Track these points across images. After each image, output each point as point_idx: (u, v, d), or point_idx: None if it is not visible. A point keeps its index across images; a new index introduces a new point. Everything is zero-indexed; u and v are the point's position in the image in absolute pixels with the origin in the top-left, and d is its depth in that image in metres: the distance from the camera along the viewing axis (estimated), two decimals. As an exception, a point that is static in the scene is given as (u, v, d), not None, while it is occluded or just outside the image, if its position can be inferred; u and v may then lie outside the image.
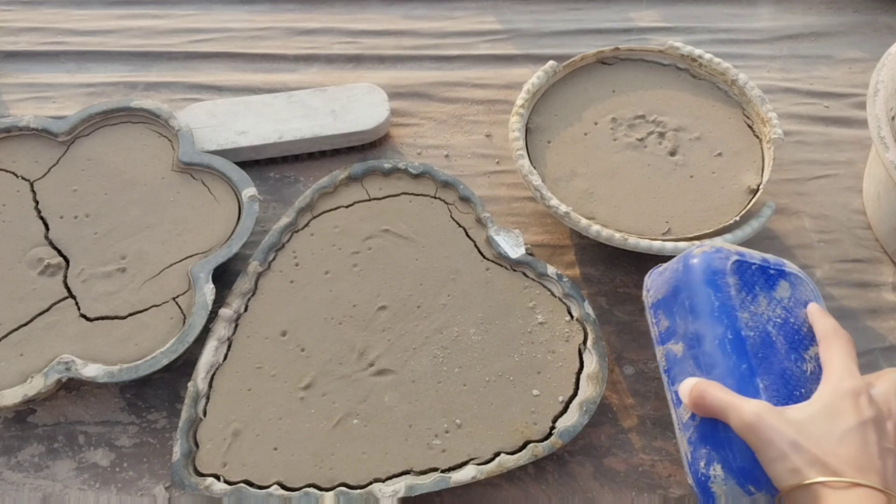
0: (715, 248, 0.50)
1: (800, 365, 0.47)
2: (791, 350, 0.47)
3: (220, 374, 0.54)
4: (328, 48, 0.81)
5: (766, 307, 0.48)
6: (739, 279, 0.48)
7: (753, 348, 0.46)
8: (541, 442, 0.51)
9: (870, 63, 0.79)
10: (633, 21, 0.84)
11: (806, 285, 0.51)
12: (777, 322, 0.48)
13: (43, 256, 0.58)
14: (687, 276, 0.49)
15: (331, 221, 0.62)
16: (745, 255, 0.50)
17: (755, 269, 0.49)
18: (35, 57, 0.79)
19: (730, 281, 0.47)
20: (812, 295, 0.50)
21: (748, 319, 0.47)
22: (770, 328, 0.47)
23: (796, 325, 0.49)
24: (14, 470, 0.53)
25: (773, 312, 0.48)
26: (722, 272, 0.48)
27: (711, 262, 0.48)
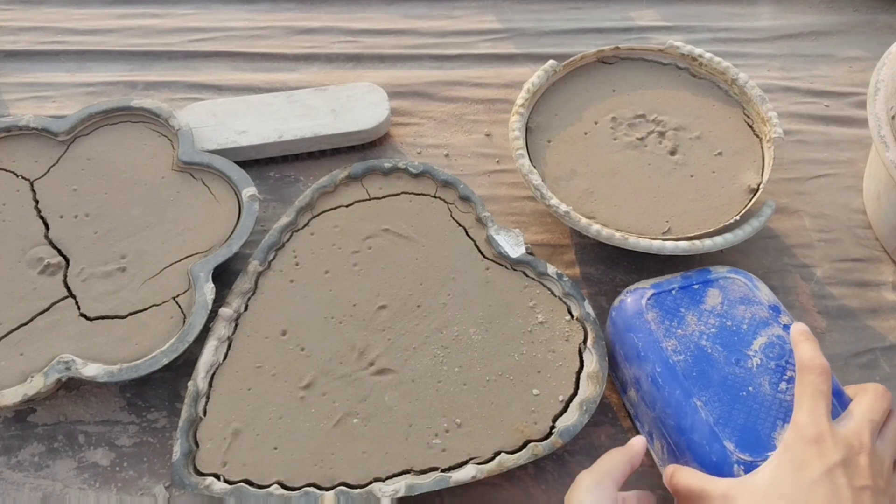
0: (629, 291, 0.53)
1: (743, 364, 0.49)
2: (731, 353, 0.49)
3: (220, 374, 0.54)
4: (328, 47, 0.81)
5: (695, 324, 0.50)
6: (659, 311, 0.51)
7: (685, 370, 0.48)
8: (541, 441, 0.51)
9: (870, 62, 0.79)
10: (634, 20, 0.84)
11: (736, 282, 0.53)
12: (710, 333, 0.50)
13: (43, 256, 0.58)
14: (614, 328, 0.53)
15: (331, 221, 0.62)
16: (662, 283, 0.52)
17: (675, 293, 0.52)
18: (35, 56, 0.79)
19: (648, 318, 0.51)
20: (746, 287, 0.52)
21: (676, 345, 0.49)
22: (704, 342, 0.50)
23: (734, 325, 0.50)
24: (14, 469, 0.53)
25: (704, 326, 0.50)
26: (639, 312, 0.51)
27: (628, 307, 0.52)
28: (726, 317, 0.51)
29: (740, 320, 0.51)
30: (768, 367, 0.48)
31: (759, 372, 0.48)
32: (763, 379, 0.48)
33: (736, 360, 0.49)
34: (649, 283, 0.53)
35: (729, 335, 0.50)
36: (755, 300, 0.52)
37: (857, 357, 0.59)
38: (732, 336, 0.50)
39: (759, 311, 0.51)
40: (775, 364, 0.49)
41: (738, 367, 0.48)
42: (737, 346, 0.49)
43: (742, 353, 0.49)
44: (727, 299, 0.52)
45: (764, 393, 0.47)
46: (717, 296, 0.52)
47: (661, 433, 0.50)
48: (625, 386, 0.53)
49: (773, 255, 0.64)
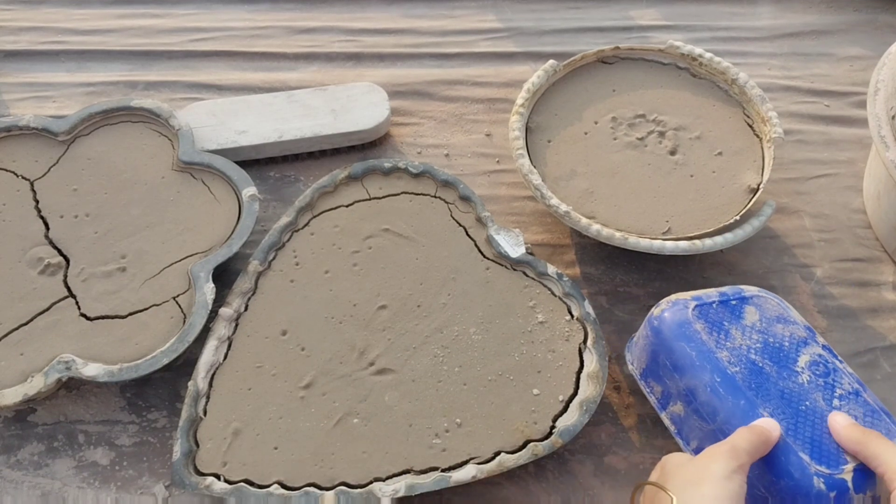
0: (671, 302, 0.51)
1: (794, 379, 0.47)
2: (782, 368, 0.48)
3: (220, 374, 0.54)
4: (328, 46, 0.81)
5: (741, 338, 0.49)
6: (706, 322, 0.49)
7: (745, 382, 0.46)
8: (541, 441, 0.51)
9: (870, 61, 0.79)
10: (634, 19, 0.84)
11: (769, 301, 0.52)
12: (757, 348, 0.48)
13: (43, 256, 0.58)
14: (658, 338, 0.50)
15: (331, 221, 0.62)
16: (702, 297, 0.51)
17: (717, 307, 0.51)
18: (35, 56, 0.79)
19: (697, 328, 0.49)
20: (780, 307, 0.52)
21: (729, 357, 0.47)
22: (753, 356, 0.48)
23: (776, 342, 0.49)
24: (14, 468, 0.53)
25: (750, 340, 0.49)
26: (687, 322, 0.49)
27: (673, 317, 0.50)
28: (767, 333, 0.49)
29: (781, 338, 0.50)
30: (818, 384, 0.47)
31: (810, 388, 0.47)
32: (816, 395, 0.46)
33: (788, 374, 0.47)
34: (689, 296, 0.51)
35: (774, 351, 0.49)
36: (790, 320, 0.51)
37: (858, 357, 0.59)
38: (778, 352, 0.49)
39: (796, 331, 0.50)
40: (824, 381, 0.47)
41: (791, 381, 0.47)
42: (784, 362, 0.48)
43: (791, 370, 0.48)
44: (764, 317, 0.51)
45: (821, 408, 0.46)
46: (754, 313, 0.51)
47: None
48: (667, 399, 0.51)
49: (773, 255, 0.64)
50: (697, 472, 0.40)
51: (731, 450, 0.41)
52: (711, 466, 0.40)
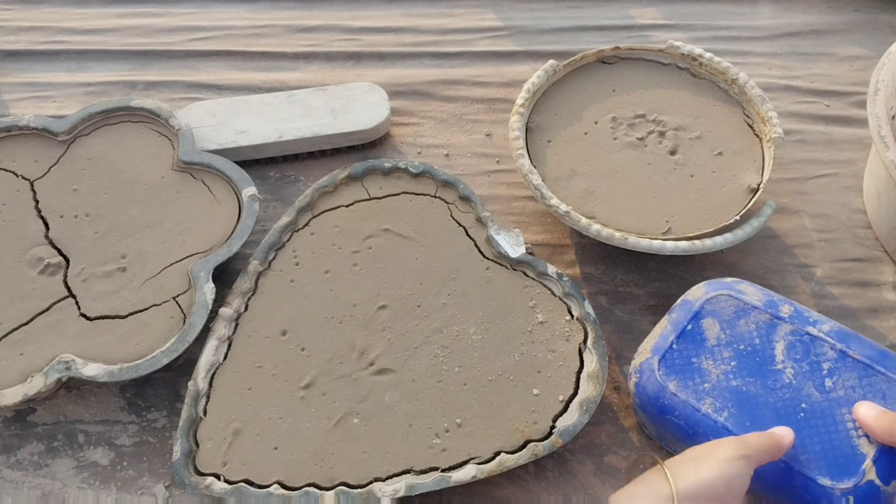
0: (637, 369, 0.50)
1: (780, 381, 0.46)
2: (763, 378, 0.47)
3: (220, 374, 0.54)
4: (328, 45, 0.81)
5: (714, 367, 0.48)
6: (676, 374, 0.48)
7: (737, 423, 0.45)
8: (541, 441, 0.51)
9: (870, 61, 0.79)
10: (634, 18, 0.84)
11: (720, 299, 0.50)
12: (733, 368, 0.47)
13: (43, 256, 0.58)
14: (647, 413, 0.50)
15: (331, 221, 0.62)
16: (659, 343, 0.50)
17: (677, 346, 0.49)
18: (35, 56, 0.79)
19: (672, 389, 0.48)
20: (731, 299, 0.49)
21: (713, 403, 0.46)
22: (734, 382, 0.47)
23: (747, 347, 0.48)
24: (13, 468, 0.53)
25: (723, 364, 0.48)
26: (661, 390, 0.48)
27: (647, 390, 0.49)
28: (735, 342, 0.48)
29: (749, 337, 0.48)
30: (804, 372, 0.46)
31: (799, 382, 0.46)
32: (807, 387, 0.45)
33: (772, 382, 0.46)
34: (649, 349, 0.50)
35: (749, 360, 0.47)
36: (749, 307, 0.49)
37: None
38: (753, 358, 0.47)
39: (759, 317, 0.49)
40: (808, 365, 0.46)
41: (778, 389, 0.46)
42: (762, 366, 0.47)
43: (772, 372, 0.46)
44: (723, 323, 0.49)
45: (818, 402, 0.45)
46: (713, 325, 0.49)
47: None
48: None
49: (773, 255, 0.64)
50: (702, 452, 0.42)
51: (742, 440, 0.42)
52: (717, 450, 0.42)
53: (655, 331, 0.51)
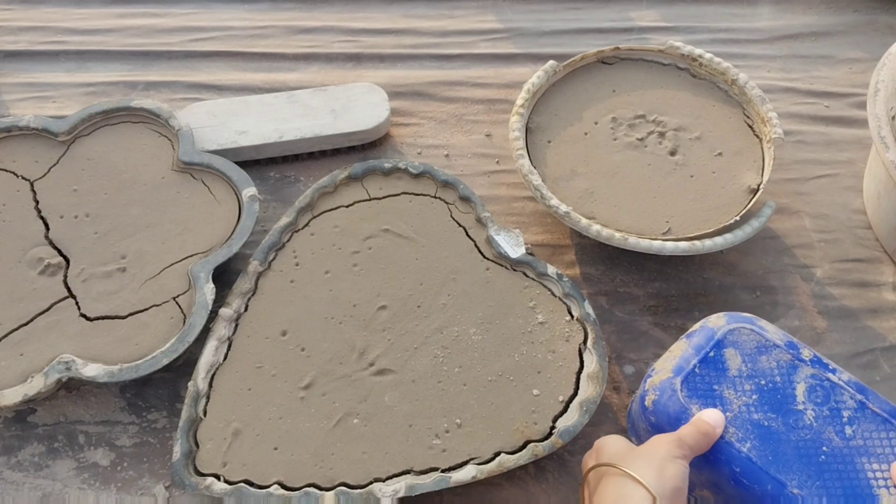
0: (657, 387, 0.48)
1: (801, 422, 0.46)
2: (784, 415, 0.46)
3: (220, 374, 0.54)
4: (328, 47, 0.81)
5: (736, 398, 0.47)
6: (698, 399, 0.46)
7: (761, 457, 0.44)
8: (541, 441, 0.51)
9: (870, 63, 0.79)
10: (634, 20, 0.84)
11: (742, 332, 0.49)
12: (754, 402, 0.46)
13: (43, 256, 0.58)
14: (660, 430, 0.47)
15: (331, 221, 0.62)
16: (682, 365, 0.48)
17: (700, 370, 0.48)
18: (35, 56, 0.79)
19: (694, 410, 0.46)
20: (753, 333, 0.49)
21: (736, 432, 0.45)
22: (755, 415, 0.46)
23: (768, 383, 0.47)
24: (14, 469, 0.53)
25: (745, 396, 0.47)
26: (683, 410, 0.46)
27: (667, 408, 0.47)
28: (756, 376, 0.47)
29: (770, 374, 0.47)
30: (824, 416, 0.45)
31: (820, 426, 0.45)
32: (828, 431, 0.45)
33: (794, 421, 0.45)
34: (671, 369, 0.48)
35: (770, 396, 0.46)
36: (770, 344, 0.48)
37: (857, 357, 0.59)
38: (774, 395, 0.46)
39: (780, 356, 0.48)
40: (828, 410, 0.46)
41: (799, 429, 0.45)
42: (783, 404, 0.46)
43: (793, 411, 0.46)
44: (745, 356, 0.48)
45: (839, 447, 0.44)
46: (735, 356, 0.48)
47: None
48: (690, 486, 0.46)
49: (773, 256, 0.64)
50: (645, 454, 0.42)
51: (678, 440, 0.43)
52: (659, 449, 0.42)
53: (673, 352, 0.50)
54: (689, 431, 0.44)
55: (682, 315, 0.61)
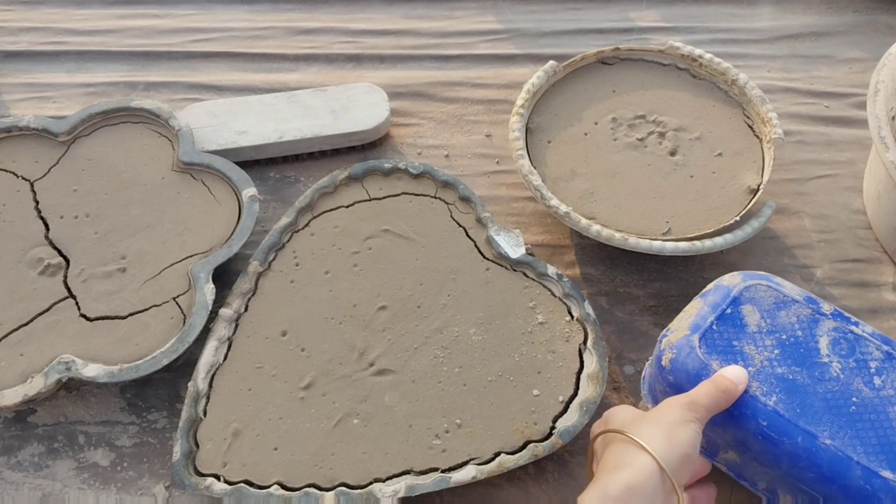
0: (674, 345, 0.46)
1: (827, 375, 0.44)
2: (811, 369, 0.44)
3: (220, 374, 0.54)
4: (328, 48, 0.81)
5: (757, 353, 0.45)
6: (717, 355, 0.45)
7: (789, 410, 0.42)
8: (541, 442, 0.51)
9: (870, 63, 0.79)
10: (634, 21, 0.84)
11: (759, 288, 0.47)
12: (777, 356, 0.45)
13: (43, 256, 0.58)
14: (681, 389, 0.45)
15: (331, 221, 0.62)
16: (699, 323, 0.46)
17: (717, 326, 0.46)
18: (35, 57, 0.79)
19: (715, 368, 0.44)
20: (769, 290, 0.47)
21: (760, 387, 0.43)
22: (779, 369, 0.44)
23: (790, 338, 0.46)
24: (14, 469, 0.53)
25: (766, 351, 0.45)
26: (703, 367, 0.44)
27: (686, 365, 0.45)
28: (777, 331, 0.45)
29: (791, 329, 0.46)
30: (851, 368, 0.44)
31: (847, 377, 0.44)
32: (856, 382, 0.43)
33: (819, 373, 0.44)
34: (687, 326, 0.46)
35: (793, 350, 0.45)
36: (788, 299, 0.47)
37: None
38: (797, 349, 0.45)
39: (800, 311, 0.46)
40: (854, 361, 0.44)
41: (826, 381, 0.43)
42: (807, 358, 0.44)
43: (818, 364, 0.44)
44: (764, 311, 0.46)
45: (869, 398, 0.43)
46: (753, 313, 0.46)
47: (795, 487, 0.44)
48: (714, 448, 0.47)
49: (773, 256, 0.64)
50: (654, 419, 0.40)
51: (690, 403, 0.41)
52: (668, 414, 0.40)
53: (689, 311, 0.48)
54: (706, 390, 0.42)
55: (682, 315, 0.61)
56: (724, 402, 0.42)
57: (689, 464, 0.39)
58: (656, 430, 0.39)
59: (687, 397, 0.42)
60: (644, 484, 0.37)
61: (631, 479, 0.37)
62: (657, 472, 0.38)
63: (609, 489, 0.37)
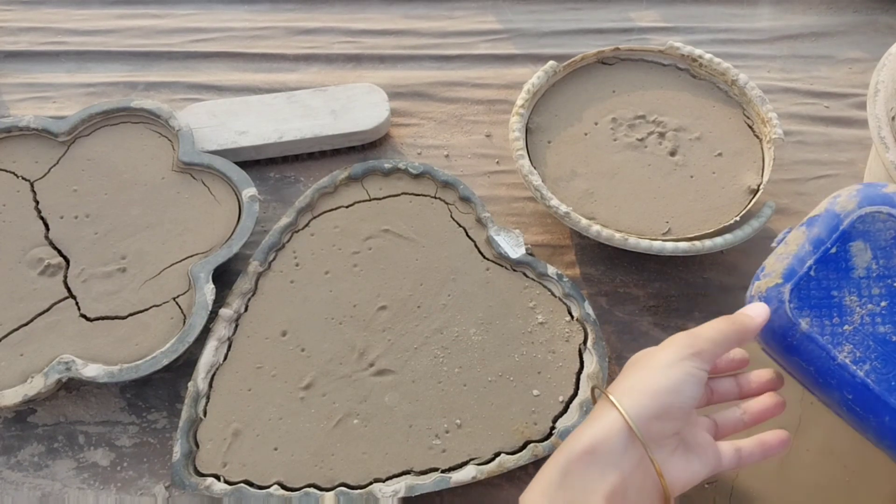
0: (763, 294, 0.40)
1: None
2: None
3: (220, 374, 0.54)
4: (328, 48, 0.81)
5: (859, 306, 0.39)
6: (811, 310, 0.39)
7: (882, 382, 0.37)
8: (541, 442, 0.51)
9: (870, 63, 0.79)
10: (634, 21, 0.84)
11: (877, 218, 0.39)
12: (882, 311, 0.38)
13: (43, 256, 0.58)
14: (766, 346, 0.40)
15: (331, 221, 0.62)
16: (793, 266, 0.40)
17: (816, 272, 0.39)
18: (35, 57, 0.79)
19: (804, 327, 0.39)
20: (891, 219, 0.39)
21: (853, 350, 0.38)
22: (881, 328, 0.38)
23: None
24: (14, 469, 0.53)
25: (870, 303, 0.39)
26: (790, 327, 0.39)
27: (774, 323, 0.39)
28: (891, 275, 0.37)
29: None
30: None
31: None
32: None
33: None
34: (779, 271, 0.39)
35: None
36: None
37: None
38: None
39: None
40: None
41: None
42: None
43: None
44: (877, 249, 0.38)
45: None
46: (864, 250, 0.38)
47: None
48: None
49: (773, 256, 0.64)
50: (645, 363, 0.38)
51: (690, 336, 0.38)
52: (659, 355, 0.38)
53: (789, 245, 0.40)
54: (716, 324, 0.38)
55: (682, 315, 0.61)
56: (736, 338, 0.38)
57: (676, 412, 0.36)
58: (637, 381, 0.37)
59: (691, 332, 0.38)
60: (607, 443, 0.36)
61: (595, 437, 0.36)
62: (624, 430, 0.36)
63: (574, 448, 0.36)
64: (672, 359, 0.37)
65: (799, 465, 0.47)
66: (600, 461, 0.35)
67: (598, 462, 0.35)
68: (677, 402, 0.37)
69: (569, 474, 0.35)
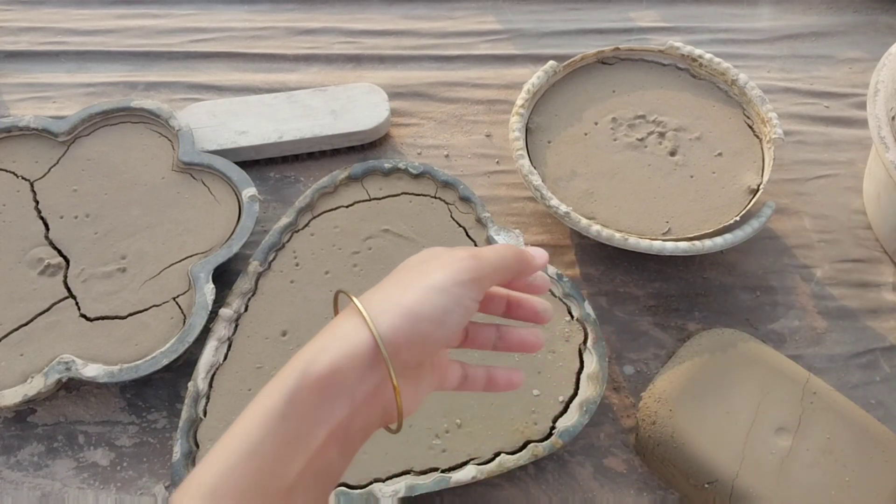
0: None
1: None
2: None
3: (220, 374, 0.54)
4: (328, 48, 0.81)
5: None
6: None
7: None
8: (541, 442, 0.51)
9: (870, 63, 0.79)
10: (634, 21, 0.84)
11: None
12: None
13: (43, 256, 0.58)
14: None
15: (331, 221, 0.62)
16: None
17: None
18: (35, 57, 0.79)
19: None
20: None
21: None
22: None
23: None
24: (14, 469, 0.53)
25: None
26: None
27: None
28: None
29: None
30: None
31: None
32: None
33: None
34: None
35: None
36: None
37: (857, 357, 0.59)
38: None
39: None
40: None
41: None
42: None
43: None
44: None
45: None
46: None
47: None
48: None
49: (773, 256, 0.64)
50: (417, 276, 0.33)
51: (473, 258, 0.33)
52: (433, 273, 0.33)
53: None
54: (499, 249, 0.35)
55: (682, 315, 0.61)
56: (517, 268, 0.35)
57: (431, 345, 0.32)
58: (399, 296, 0.32)
59: (475, 252, 0.34)
60: (348, 369, 0.31)
61: (336, 362, 0.31)
62: (370, 355, 0.31)
63: (309, 372, 0.31)
64: (447, 282, 0.32)
65: (799, 465, 0.47)
66: (334, 390, 0.30)
67: (332, 390, 0.30)
68: (437, 334, 0.32)
69: (296, 403, 0.30)
